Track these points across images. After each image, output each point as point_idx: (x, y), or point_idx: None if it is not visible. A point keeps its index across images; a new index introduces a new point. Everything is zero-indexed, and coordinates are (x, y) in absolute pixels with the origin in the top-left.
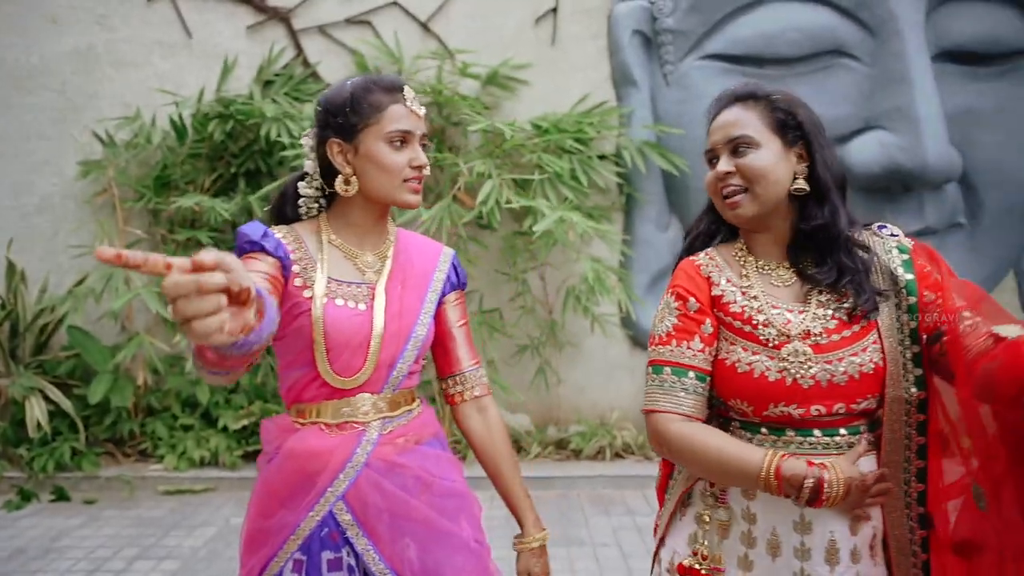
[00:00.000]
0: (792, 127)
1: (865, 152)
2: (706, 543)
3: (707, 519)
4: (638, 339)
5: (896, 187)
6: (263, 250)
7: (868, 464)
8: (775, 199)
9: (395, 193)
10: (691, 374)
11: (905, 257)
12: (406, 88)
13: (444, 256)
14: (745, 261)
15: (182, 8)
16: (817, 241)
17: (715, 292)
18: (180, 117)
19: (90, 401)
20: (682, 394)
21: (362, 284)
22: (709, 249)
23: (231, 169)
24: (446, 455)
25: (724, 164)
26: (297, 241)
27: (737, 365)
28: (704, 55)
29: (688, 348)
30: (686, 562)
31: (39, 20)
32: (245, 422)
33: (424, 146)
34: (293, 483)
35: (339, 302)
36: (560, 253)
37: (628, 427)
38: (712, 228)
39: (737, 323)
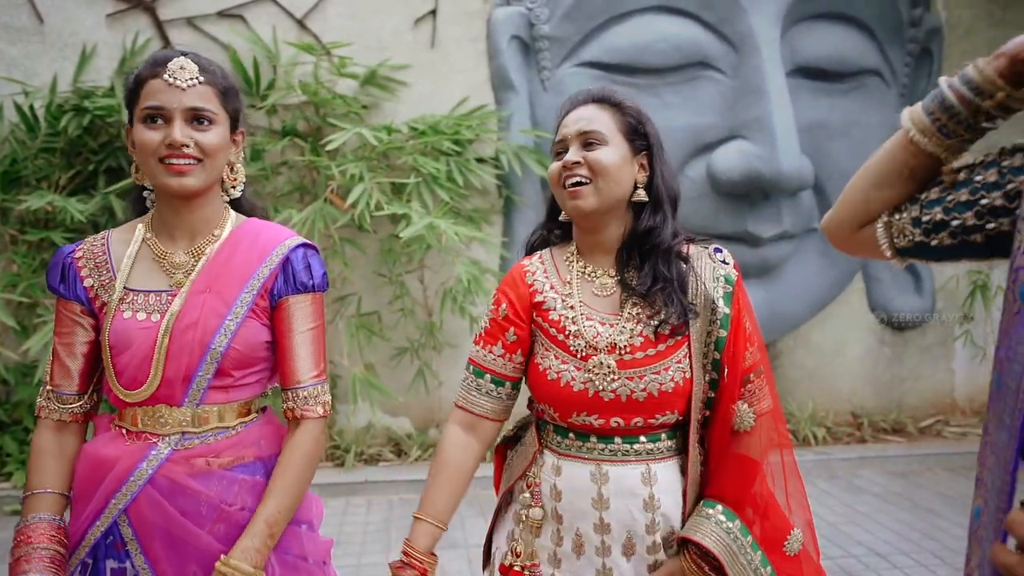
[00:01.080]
0: (640, 136)
1: (728, 160)
2: (521, 540)
3: (524, 517)
4: None
5: (756, 194)
6: (64, 296)
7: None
8: (616, 197)
9: (156, 176)
10: (488, 377)
11: (729, 289)
12: (175, 60)
13: (278, 251)
14: (573, 264)
15: None
16: (642, 245)
17: (537, 299)
18: (31, 108)
19: None
20: (475, 394)
21: (161, 292)
22: (543, 251)
23: (89, 166)
24: (266, 483)
25: (573, 154)
26: (96, 261)
27: (548, 372)
28: (579, 62)
29: (490, 352)
30: (506, 561)
31: None
32: None
33: (200, 120)
34: (81, 487)
35: (127, 314)
36: (438, 256)
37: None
38: (550, 228)
39: (553, 330)
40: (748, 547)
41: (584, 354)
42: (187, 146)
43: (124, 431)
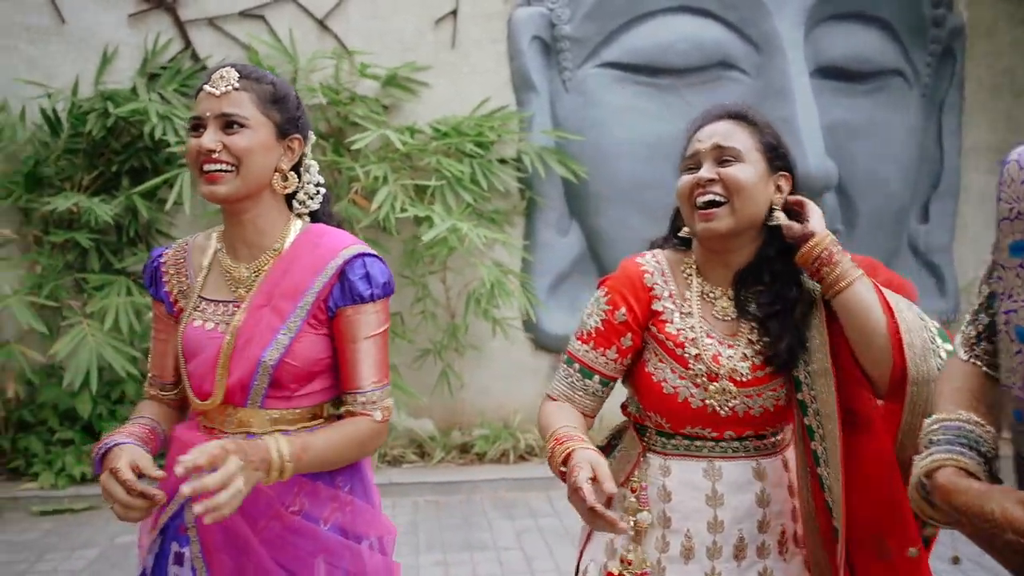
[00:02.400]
0: (778, 155)
1: None
2: (630, 548)
3: (631, 523)
4: (540, 342)
5: None
6: (154, 297)
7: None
8: (751, 219)
9: (198, 186)
10: (596, 378)
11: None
12: (220, 70)
13: (333, 263)
14: (692, 280)
15: None
16: (768, 269)
17: (655, 306)
18: (53, 110)
19: None
20: (580, 393)
21: (228, 303)
22: (658, 252)
23: (112, 167)
24: (328, 490)
25: (707, 171)
26: (179, 264)
27: (663, 385)
28: (601, 63)
29: (602, 355)
30: (615, 570)
31: None
32: None
33: (231, 124)
34: (169, 467)
35: (197, 322)
36: (461, 258)
37: (531, 429)
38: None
39: (670, 343)
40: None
41: (705, 376)
42: (214, 151)
43: (199, 424)
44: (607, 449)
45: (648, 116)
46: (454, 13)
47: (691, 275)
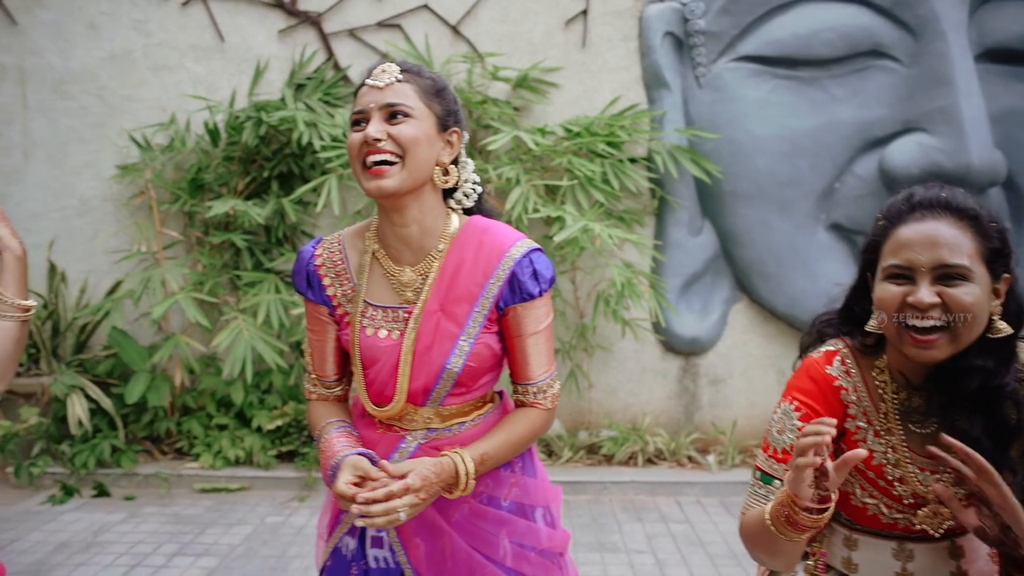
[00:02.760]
0: (1003, 257)
1: (905, 154)
2: None
3: None
4: (670, 344)
5: None
6: (311, 300)
7: (973, 540)
8: (971, 339)
9: (360, 181)
10: None
11: None
12: (382, 66)
13: (504, 264)
14: (887, 392)
15: (215, 12)
16: (983, 390)
17: (847, 425)
18: (214, 121)
19: (127, 400)
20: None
21: (397, 309)
22: (843, 350)
23: (264, 172)
24: (506, 472)
25: (927, 293)
26: (336, 270)
27: (851, 498)
28: (737, 57)
29: None
30: None
31: (79, 26)
32: (279, 423)
33: (396, 115)
34: None
35: (370, 331)
36: (591, 258)
37: (660, 432)
38: (850, 329)
39: (862, 464)
40: None
41: (909, 502)
42: (380, 140)
43: (376, 421)
44: None
45: (788, 110)
46: (584, 13)
47: (885, 384)
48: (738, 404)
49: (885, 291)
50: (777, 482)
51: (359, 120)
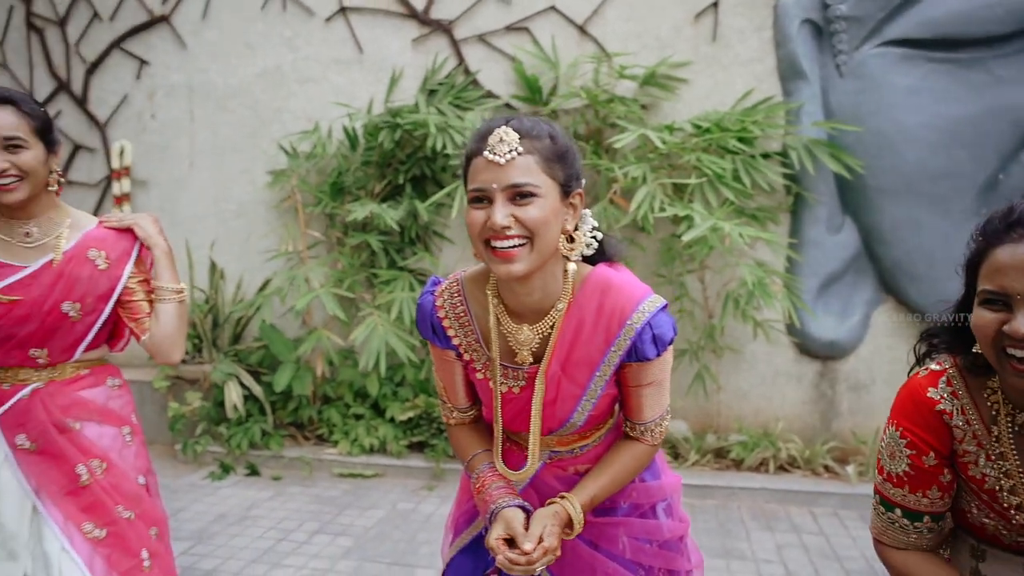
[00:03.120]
0: None
1: None
2: None
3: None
4: (805, 347)
5: None
6: (437, 346)
7: None
8: None
9: (486, 260)
10: (926, 518)
11: None
12: (495, 132)
13: (625, 334)
14: (999, 411)
15: (355, 25)
16: None
17: (956, 448)
18: (353, 128)
19: (275, 388)
20: (914, 536)
21: (519, 369)
22: (951, 372)
23: (398, 175)
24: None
25: (1022, 322)
26: (459, 320)
27: (969, 516)
28: (884, 41)
29: (924, 497)
30: None
31: (237, 46)
32: (411, 414)
33: (523, 195)
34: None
35: (504, 388)
36: (720, 257)
37: (794, 439)
38: (959, 345)
39: (973, 486)
40: None
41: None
42: (508, 227)
43: (505, 437)
44: None
45: (943, 97)
46: (715, 5)
47: (996, 403)
48: (881, 413)
49: (980, 317)
50: (898, 511)
51: (480, 198)
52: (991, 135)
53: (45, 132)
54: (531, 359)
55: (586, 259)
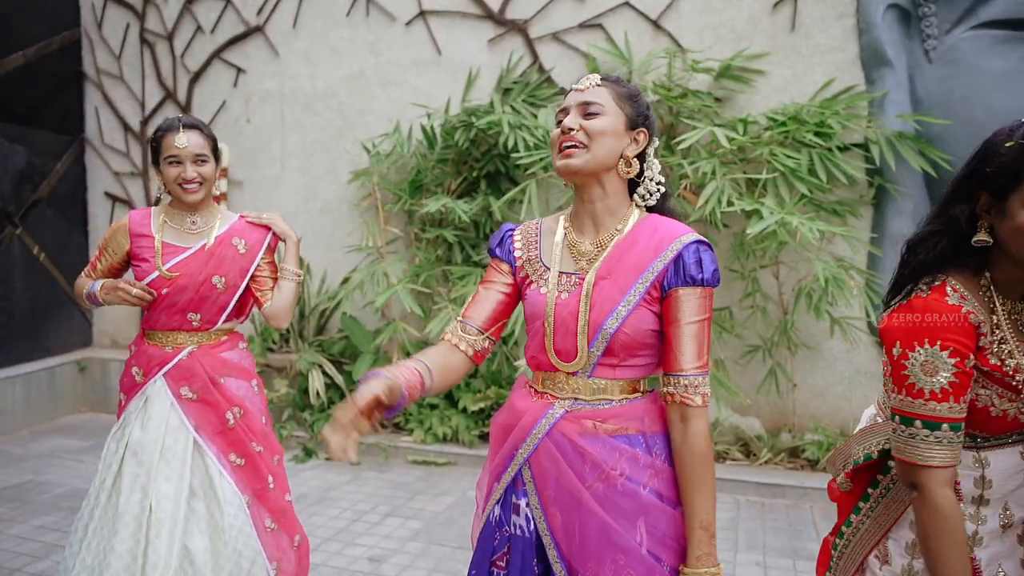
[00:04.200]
0: None
1: None
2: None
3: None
4: None
5: None
6: (496, 257)
7: None
8: None
9: (555, 162)
10: (962, 426)
11: None
12: (588, 75)
13: (673, 246)
14: (994, 303)
15: (433, 28)
16: None
17: (981, 343)
18: (431, 127)
19: (355, 377)
20: (957, 447)
21: (572, 275)
22: (954, 283)
23: (473, 172)
24: (647, 458)
25: None
26: (528, 239)
27: (991, 409)
28: (978, 24)
29: (964, 402)
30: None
31: (324, 51)
32: (482, 405)
33: (590, 113)
34: (500, 432)
35: (544, 290)
36: (795, 252)
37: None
38: (949, 250)
39: (996, 374)
40: None
41: None
42: (573, 129)
43: (533, 390)
44: (879, 464)
45: None
46: None
47: (990, 295)
48: None
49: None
50: (945, 426)
51: (561, 120)
52: None
53: (215, 150)
54: (587, 268)
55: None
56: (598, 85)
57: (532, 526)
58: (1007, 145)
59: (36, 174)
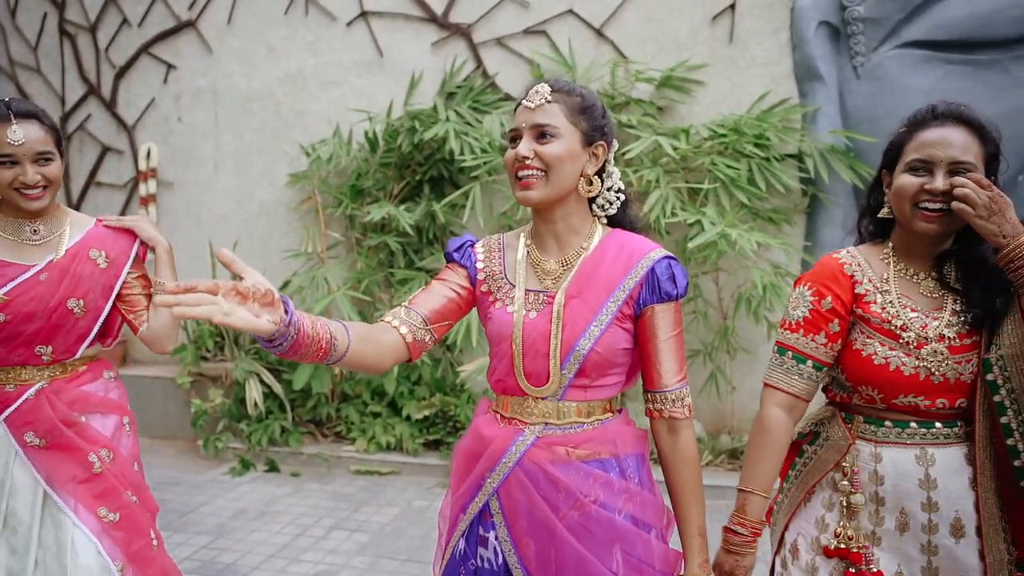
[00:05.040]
0: (996, 161)
1: None
2: (846, 525)
3: (844, 503)
4: None
5: None
6: (455, 261)
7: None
8: (963, 222)
9: (513, 190)
10: (809, 363)
11: None
12: (536, 87)
13: (643, 263)
14: (891, 263)
15: (375, 29)
16: (970, 254)
17: (858, 290)
18: (373, 131)
19: (295, 386)
20: (796, 378)
21: (539, 293)
22: (851, 248)
23: (416, 177)
24: (620, 482)
25: (940, 181)
26: (491, 252)
27: (873, 358)
28: (902, 43)
29: (812, 341)
30: (831, 544)
31: (260, 50)
32: (426, 412)
33: (544, 135)
34: (465, 460)
35: (510, 308)
36: (734, 259)
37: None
38: (875, 228)
39: (875, 320)
40: None
41: (916, 343)
42: (528, 158)
43: (499, 416)
44: (809, 437)
45: (962, 99)
46: (732, 7)
47: (889, 258)
48: None
49: (906, 180)
50: (789, 353)
51: (514, 137)
52: (1010, 138)
53: (59, 143)
54: (553, 287)
55: (610, 222)
56: (548, 101)
57: (501, 559)
58: (899, 130)
59: None
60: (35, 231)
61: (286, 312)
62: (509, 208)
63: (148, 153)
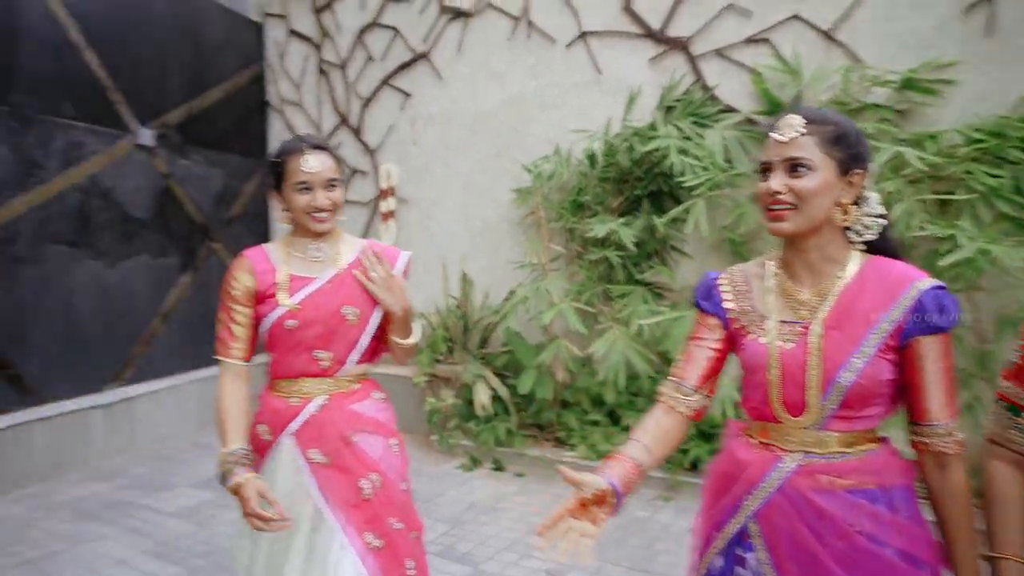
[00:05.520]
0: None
1: None
2: None
3: None
4: None
5: None
6: (704, 311)
7: None
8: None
9: (765, 221)
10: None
11: None
12: (787, 118)
13: (909, 293)
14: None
15: (593, 49)
16: None
17: None
18: (592, 148)
19: (519, 391)
20: (1014, 431)
21: (795, 323)
22: None
23: (635, 191)
24: (889, 516)
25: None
26: (737, 288)
27: None
28: None
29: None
30: None
31: (486, 75)
32: None
33: (796, 168)
34: (719, 481)
35: (764, 340)
36: (996, 276)
37: None
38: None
39: None
40: None
41: None
42: (780, 192)
43: (751, 440)
44: None
45: None
46: None
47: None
48: None
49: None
50: (1004, 405)
51: (765, 169)
52: None
53: (341, 172)
54: (808, 318)
55: (869, 247)
56: (802, 133)
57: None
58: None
59: (229, 194)
60: (318, 249)
61: (616, 496)
62: (731, 222)
63: (388, 174)
